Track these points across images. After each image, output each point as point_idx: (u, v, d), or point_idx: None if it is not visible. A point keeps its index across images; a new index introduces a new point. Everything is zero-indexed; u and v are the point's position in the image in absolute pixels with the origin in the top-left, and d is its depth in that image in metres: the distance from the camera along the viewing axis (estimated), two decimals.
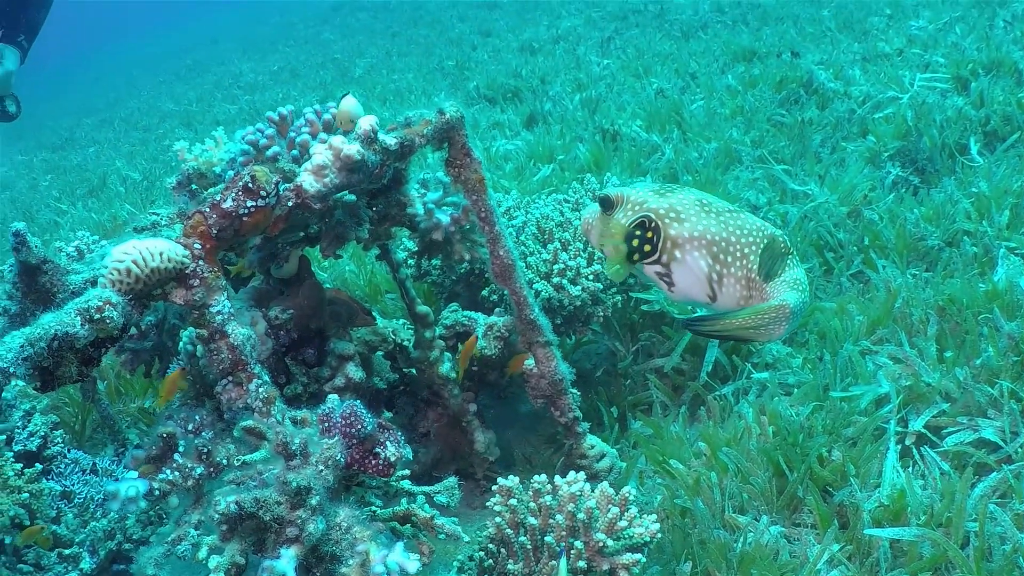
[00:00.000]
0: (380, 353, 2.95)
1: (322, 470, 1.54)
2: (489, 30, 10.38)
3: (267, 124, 2.39)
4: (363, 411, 1.61)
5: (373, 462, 1.62)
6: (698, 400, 3.22)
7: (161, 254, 1.71)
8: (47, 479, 3.05)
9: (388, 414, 2.93)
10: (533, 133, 5.60)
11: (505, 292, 2.61)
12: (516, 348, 2.82)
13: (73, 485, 3.11)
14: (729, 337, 2.19)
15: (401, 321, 3.03)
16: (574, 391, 2.66)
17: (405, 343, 2.91)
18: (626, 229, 2.16)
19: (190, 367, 2.42)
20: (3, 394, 3.02)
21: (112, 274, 1.68)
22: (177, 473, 1.75)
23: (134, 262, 1.68)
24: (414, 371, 2.96)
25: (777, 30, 7.43)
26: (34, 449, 3.12)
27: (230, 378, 1.78)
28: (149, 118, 11.62)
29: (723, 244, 2.13)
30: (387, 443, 1.63)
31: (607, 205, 2.21)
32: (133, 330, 3.28)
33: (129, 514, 2.45)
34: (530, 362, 2.60)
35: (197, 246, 1.78)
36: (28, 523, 2.70)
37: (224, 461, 1.75)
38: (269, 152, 2.24)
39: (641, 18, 9.16)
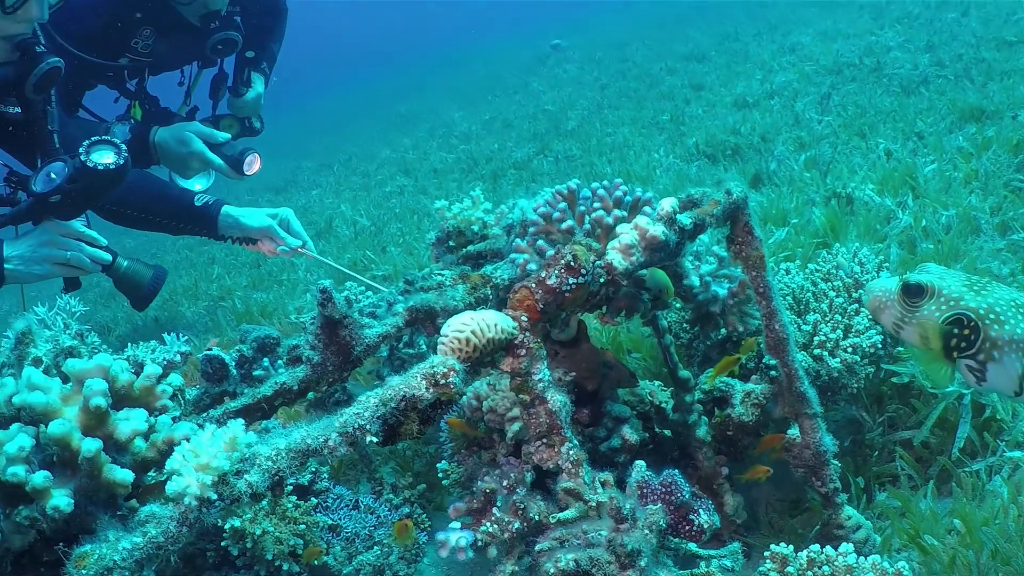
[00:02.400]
0: (633, 412, 3.07)
1: (647, 534, 1.67)
2: (700, 84, 10.39)
3: (553, 196, 2.56)
4: (681, 480, 1.73)
5: (687, 528, 1.74)
6: (944, 475, 3.19)
7: (495, 325, 1.88)
8: (316, 512, 3.29)
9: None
10: (762, 194, 5.63)
11: (765, 359, 2.69)
12: (771, 415, 2.89)
13: (340, 519, 3.35)
14: None
15: (656, 383, 3.14)
16: (835, 462, 2.71)
17: (662, 405, 3.02)
18: (943, 326, 2.20)
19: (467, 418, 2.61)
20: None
21: (452, 342, 1.87)
22: (497, 527, 1.91)
23: (472, 332, 1.86)
24: (667, 432, 3.06)
25: (1004, 86, 7.18)
26: (306, 484, 3.38)
27: (544, 440, 1.94)
28: (367, 164, 12.13)
29: None
30: (700, 511, 1.75)
31: (916, 293, 2.23)
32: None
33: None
34: (794, 431, 2.67)
35: (524, 319, 1.95)
36: (301, 553, 2.93)
37: (536, 517, 1.90)
38: (563, 225, 2.41)
39: (857, 72, 8.99)
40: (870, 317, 3.02)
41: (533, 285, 1.96)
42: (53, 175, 3.78)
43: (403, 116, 16.49)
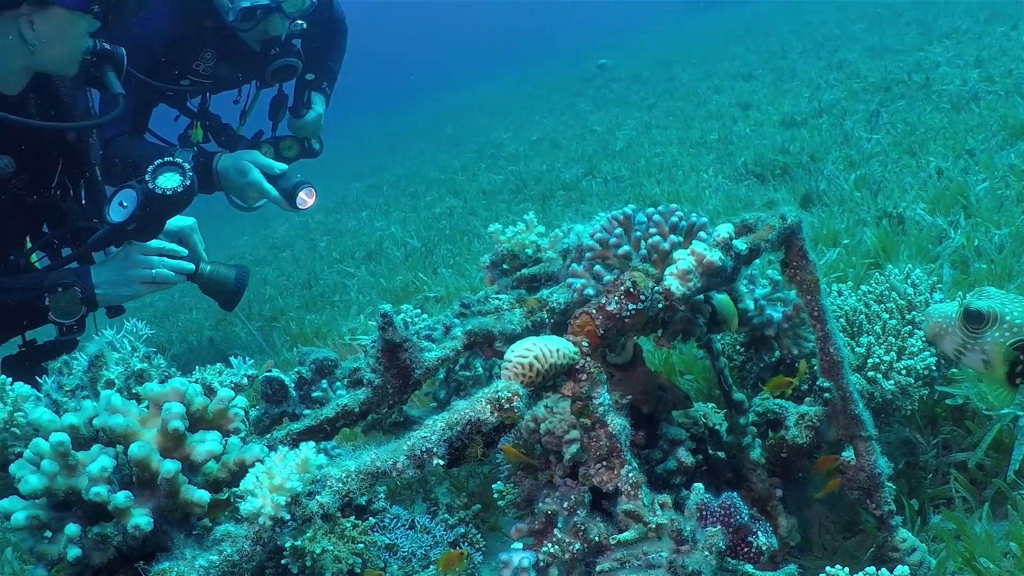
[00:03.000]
0: (687, 434, 3.10)
1: (707, 555, 1.71)
2: (748, 102, 10.36)
3: (609, 222, 2.61)
4: (740, 503, 1.77)
5: (745, 550, 1.78)
6: (999, 497, 3.18)
7: (557, 351, 1.94)
8: (373, 532, 3.34)
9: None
10: (813, 214, 5.62)
11: (819, 382, 2.71)
12: (825, 437, 2.90)
13: (397, 539, 3.40)
14: None
15: (710, 405, 3.17)
16: (889, 485, 2.72)
17: (716, 427, 3.05)
18: (1007, 353, 2.20)
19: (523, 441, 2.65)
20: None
21: (516, 367, 1.92)
22: (558, 547, 1.96)
23: (536, 357, 1.92)
24: (720, 454, 3.09)
25: None
26: (363, 503, 3.44)
27: (604, 463, 1.99)
28: (416, 185, 12.22)
29: None
30: (759, 533, 1.79)
31: (976, 320, 2.24)
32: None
33: None
34: (848, 454, 2.68)
35: (584, 344, 2.00)
36: (360, 572, 2.98)
37: (596, 538, 1.94)
38: (620, 251, 2.45)
39: (906, 89, 8.93)
40: (927, 341, 3.02)
41: (594, 311, 2.01)
42: (124, 203, 3.91)
43: (450, 137, 16.61)
